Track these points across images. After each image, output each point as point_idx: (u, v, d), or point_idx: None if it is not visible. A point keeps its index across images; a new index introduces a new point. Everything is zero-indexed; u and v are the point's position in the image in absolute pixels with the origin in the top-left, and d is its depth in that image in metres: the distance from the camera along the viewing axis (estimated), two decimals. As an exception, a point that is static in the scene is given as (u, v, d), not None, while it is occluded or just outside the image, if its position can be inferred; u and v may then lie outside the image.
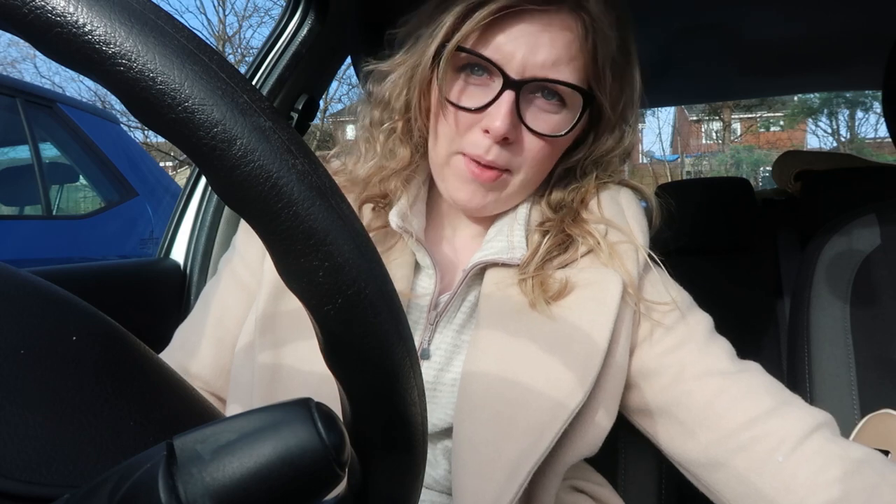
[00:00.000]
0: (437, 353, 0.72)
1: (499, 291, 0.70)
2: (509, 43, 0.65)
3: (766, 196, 2.15)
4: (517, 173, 0.69)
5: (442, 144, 0.70)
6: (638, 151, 24.19)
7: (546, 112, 0.67)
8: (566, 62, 0.66)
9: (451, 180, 0.71)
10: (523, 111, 0.66)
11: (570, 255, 0.72)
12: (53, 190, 3.36)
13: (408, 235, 0.71)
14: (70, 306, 0.40)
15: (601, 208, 0.75)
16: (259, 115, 0.25)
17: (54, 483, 0.30)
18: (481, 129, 0.66)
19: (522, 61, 0.65)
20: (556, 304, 0.68)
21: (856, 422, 0.84)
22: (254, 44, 15.75)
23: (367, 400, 0.29)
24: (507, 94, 0.65)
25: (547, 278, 0.69)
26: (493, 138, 0.65)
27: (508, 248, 0.71)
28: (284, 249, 0.25)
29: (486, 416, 0.64)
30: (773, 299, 1.92)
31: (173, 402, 0.40)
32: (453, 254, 0.77)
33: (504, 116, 0.64)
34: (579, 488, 0.75)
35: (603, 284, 0.68)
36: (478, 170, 0.68)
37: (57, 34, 0.23)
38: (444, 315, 0.72)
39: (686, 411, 0.67)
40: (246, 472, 0.24)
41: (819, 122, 20.18)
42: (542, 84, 0.66)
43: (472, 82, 0.68)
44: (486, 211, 0.73)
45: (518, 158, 0.68)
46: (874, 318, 0.92)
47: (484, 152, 0.66)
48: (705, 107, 18.75)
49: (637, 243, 0.72)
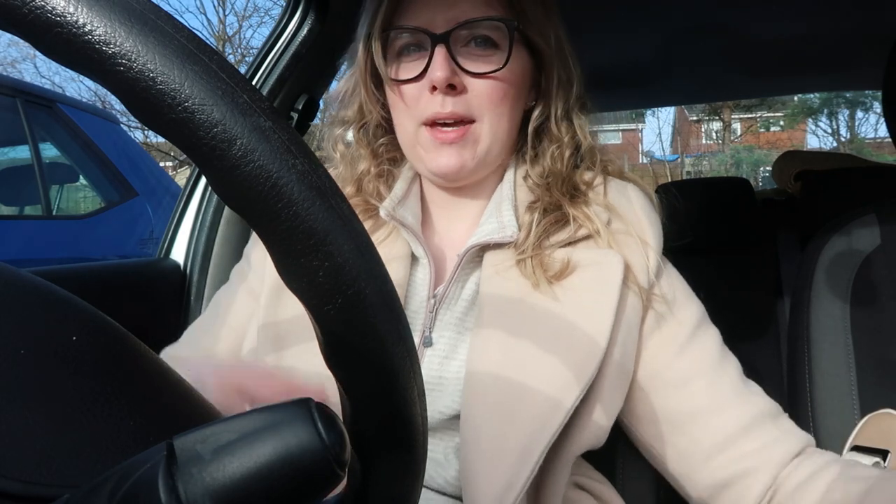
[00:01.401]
0: (441, 340, 0.72)
1: (498, 275, 0.71)
2: (425, 5, 0.71)
3: (766, 196, 2.15)
4: (480, 121, 0.72)
5: (404, 125, 0.74)
6: (638, 151, 24.21)
7: (480, 57, 0.71)
8: (483, 5, 0.71)
9: (424, 155, 0.73)
10: (459, 59, 0.70)
11: (567, 234, 0.73)
12: (53, 190, 3.36)
13: (402, 227, 0.74)
14: (70, 306, 0.40)
15: (606, 195, 0.75)
16: (259, 115, 0.25)
17: (54, 483, 0.30)
18: (428, 90, 0.70)
19: (443, 17, 0.70)
20: (559, 284, 0.69)
21: (856, 422, 0.84)
22: (254, 44, 15.76)
23: (367, 400, 0.29)
24: (438, 48, 0.69)
25: (546, 258, 0.71)
26: (441, 89, 0.69)
27: (499, 228, 0.72)
28: (284, 249, 0.25)
29: (493, 405, 0.65)
30: (773, 299, 1.92)
31: (173, 402, 0.40)
32: (448, 244, 0.78)
33: (441, 66, 0.69)
34: (581, 485, 0.75)
35: (605, 265, 0.69)
36: (442, 133, 0.71)
37: (57, 34, 0.23)
38: (444, 302, 0.73)
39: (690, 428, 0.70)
40: (246, 472, 0.24)
41: (819, 122, 20.19)
42: (468, 30, 0.71)
43: (409, 60, 0.73)
44: (468, 173, 0.74)
45: (474, 104, 0.71)
46: (874, 318, 0.92)
47: (440, 107, 0.70)
48: (705, 107, 18.74)
49: (642, 237, 0.72)
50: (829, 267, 0.96)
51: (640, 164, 21.31)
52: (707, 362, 0.71)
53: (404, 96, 0.73)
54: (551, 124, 0.77)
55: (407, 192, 0.78)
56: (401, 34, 0.72)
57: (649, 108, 14.16)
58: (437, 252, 0.77)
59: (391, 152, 0.81)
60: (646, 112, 18.34)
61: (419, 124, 0.72)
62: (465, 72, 0.70)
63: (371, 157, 0.80)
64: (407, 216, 0.75)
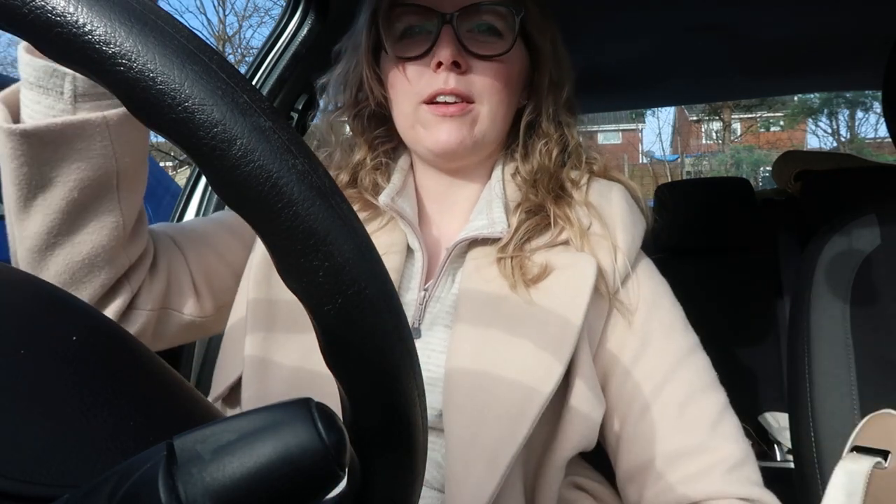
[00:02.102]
0: (429, 334, 0.73)
1: (478, 271, 0.72)
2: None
3: (766, 196, 2.16)
4: (480, 103, 0.73)
5: (405, 103, 0.75)
6: (638, 151, 24.21)
7: (485, 42, 0.73)
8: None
9: (424, 132, 0.74)
10: (465, 41, 0.72)
11: (549, 237, 0.73)
12: (53, 190, 3.35)
13: (400, 218, 0.75)
14: (70, 306, 0.40)
15: (588, 195, 0.76)
16: (259, 115, 0.25)
17: (54, 483, 0.30)
18: (433, 67, 0.72)
19: (451, 0, 0.71)
20: (535, 287, 0.69)
21: (856, 422, 0.84)
22: (254, 44, 15.78)
23: (367, 400, 0.29)
24: (446, 28, 0.71)
25: (525, 260, 0.71)
26: (446, 66, 0.70)
27: (489, 224, 0.73)
28: (284, 249, 0.25)
29: (467, 406, 0.65)
30: (773, 299, 1.92)
31: (173, 402, 0.40)
32: (440, 238, 0.79)
33: (448, 44, 0.70)
34: (579, 485, 0.75)
35: (578, 268, 0.70)
36: (444, 107, 0.72)
37: (57, 34, 0.23)
38: (434, 296, 0.74)
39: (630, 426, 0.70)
40: (246, 472, 0.24)
41: (819, 122, 20.19)
42: (474, 15, 0.72)
43: (412, 40, 0.74)
44: (466, 151, 0.75)
45: (476, 86, 0.72)
46: (874, 318, 0.92)
47: (443, 83, 0.71)
48: (705, 107, 18.74)
49: (615, 241, 0.73)
50: (829, 267, 0.96)
51: (640, 164, 21.31)
52: (651, 383, 0.70)
53: (407, 73, 0.74)
54: (542, 122, 0.79)
55: (403, 184, 0.79)
56: (407, 12, 0.74)
57: (649, 108, 14.16)
58: (431, 245, 0.78)
59: (386, 144, 0.82)
60: (646, 112, 18.35)
61: (419, 102, 0.73)
62: (469, 53, 0.72)
63: (367, 148, 0.81)
64: (405, 207, 0.75)
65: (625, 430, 0.70)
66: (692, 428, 0.68)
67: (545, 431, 0.69)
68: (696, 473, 0.66)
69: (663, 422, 0.69)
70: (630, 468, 0.70)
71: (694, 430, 0.68)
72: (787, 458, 1.76)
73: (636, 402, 0.70)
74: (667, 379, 0.70)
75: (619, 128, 23.79)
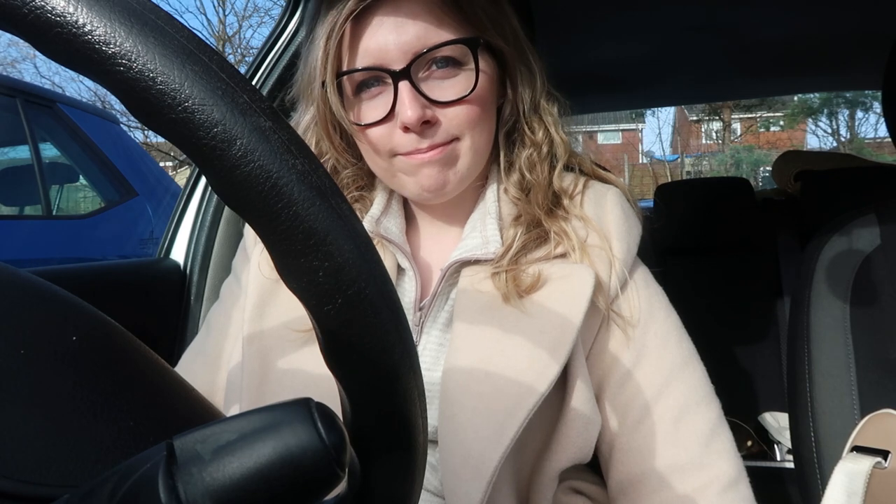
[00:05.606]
0: (425, 353, 0.72)
1: (472, 287, 0.70)
2: (374, 39, 0.65)
3: (766, 196, 2.16)
4: (463, 139, 0.69)
5: (378, 160, 0.71)
6: (638, 151, 24.20)
7: (446, 80, 0.67)
8: (436, 24, 0.66)
9: (407, 178, 0.71)
10: (425, 91, 0.66)
11: (545, 251, 0.72)
12: (53, 190, 3.36)
13: (386, 241, 0.73)
14: (70, 306, 0.40)
15: (583, 205, 0.74)
16: (259, 115, 0.25)
17: (54, 483, 0.30)
18: (400, 129, 0.66)
19: (397, 48, 0.65)
20: (528, 297, 0.68)
21: (856, 422, 0.84)
22: (254, 44, 15.77)
23: (367, 400, 0.29)
24: (402, 84, 0.65)
25: (520, 273, 0.70)
26: (415, 129, 0.66)
27: (483, 244, 0.71)
28: (284, 249, 0.25)
29: (459, 415, 0.65)
30: (773, 299, 1.92)
31: (173, 402, 0.40)
32: (434, 257, 0.77)
33: (410, 106, 0.64)
34: (577, 489, 0.75)
35: (575, 278, 0.68)
36: (421, 155, 0.68)
37: (57, 34, 0.23)
38: (429, 316, 0.73)
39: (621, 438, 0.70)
40: (246, 472, 0.24)
41: (819, 122, 20.18)
42: (428, 58, 0.66)
43: (369, 97, 0.68)
44: (452, 190, 0.72)
45: (452, 126, 0.68)
46: (874, 318, 0.92)
47: (417, 143, 0.67)
48: (705, 107, 18.74)
49: (611, 251, 0.71)
50: (829, 267, 0.96)
51: (640, 164, 21.32)
52: (645, 396, 0.69)
53: (373, 136, 0.69)
54: (522, 123, 0.75)
55: (387, 206, 0.76)
56: (355, 76, 0.68)
57: (649, 108, 14.16)
58: (423, 265, 0.76)
59: (357, 182, 0.78)
60: (646, 112, 18.35)
61: (394, 155, 0.69)
62: (435, 103, 0.66)
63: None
64: (391, 229, 0.73)
65: (618, 441, 0.70)
66: (686, 443, 0.67)
67: (539, 439, 0.68)
68: (691, 493, 0.66)
69: (657, 435, 0.68)
70: (622, 480, 0.70)
71: (688, 445, 0.67)
72: (787, 458, 1.76)
73: (630, 414, 0.69)
74: (661, 392, 0.69)
75: (619, 128, 23.78)
